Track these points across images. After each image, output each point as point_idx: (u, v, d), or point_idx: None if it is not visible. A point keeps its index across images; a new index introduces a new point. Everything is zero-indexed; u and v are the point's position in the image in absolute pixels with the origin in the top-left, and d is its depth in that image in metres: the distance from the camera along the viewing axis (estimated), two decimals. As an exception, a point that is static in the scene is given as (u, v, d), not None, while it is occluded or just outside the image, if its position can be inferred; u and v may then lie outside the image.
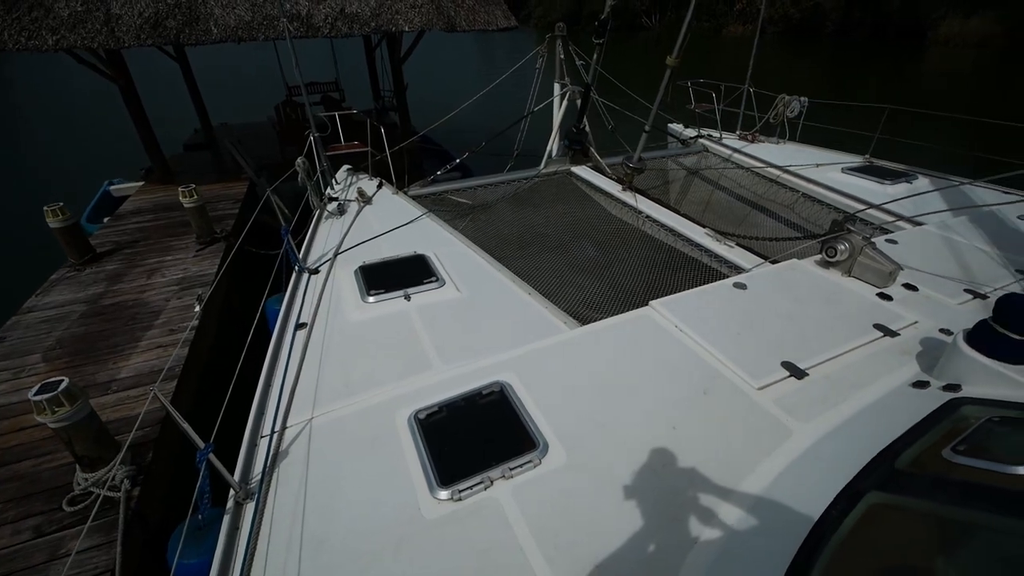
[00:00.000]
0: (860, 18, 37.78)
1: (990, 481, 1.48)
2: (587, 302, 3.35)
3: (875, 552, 1.47)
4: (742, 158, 5.74)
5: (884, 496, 1.56)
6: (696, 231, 4.03)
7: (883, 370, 2.27)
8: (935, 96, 18.65)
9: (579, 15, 45.65)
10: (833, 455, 1.83)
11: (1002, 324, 1.93)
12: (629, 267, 3.80)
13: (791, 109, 5.89)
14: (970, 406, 1.86)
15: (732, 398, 2.14)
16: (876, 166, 5.20)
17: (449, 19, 7.55)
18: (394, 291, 2.96)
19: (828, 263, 3.01)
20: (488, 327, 2.71)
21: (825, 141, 5.95)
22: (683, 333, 2.52)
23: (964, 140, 7.09)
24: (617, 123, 5.69)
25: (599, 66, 4.98)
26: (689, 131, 6.61)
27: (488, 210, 4.94)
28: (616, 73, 5.45)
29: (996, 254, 3.35)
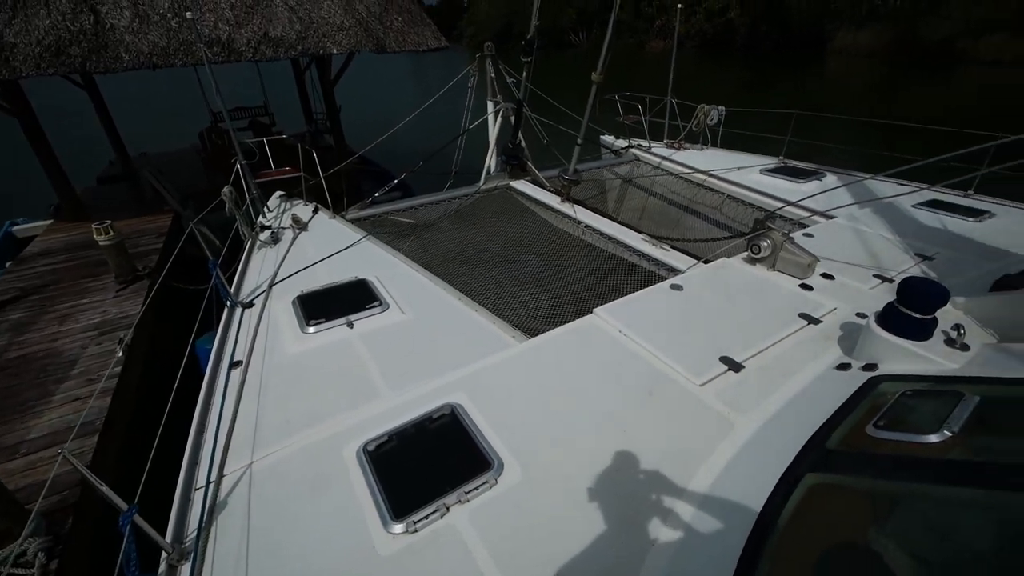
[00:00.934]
0: (766, 32, 41.09)
1: (907, 452, 1.60)
2: (534, 314, 3.38)
3: (817, 530, 1.55)
4: (671, 165, 6.04)
5: (820, 476, 1.65)
6: (633, 237, 4.18)
7: (810, 356, 2.43)
8: (836, 100, 20.51)
9: (509, 34, 46.79)
10: (773, 442, 1.92)
11: (905, 305, 2.12)
12: (573, 276, 3.87)
13: (710, 117, 6.29)
14: (886, 383, 2.01)
15: (676, 396, 2.21)
16: (790, 166, 5.62)
17: (378, 41, 7.51)
18: (335, 319, 2.87)
19: (754, 259, 3.21)
20: (436, 348, 2.67)
21: (743, 146, 6.38)
22: (626, 337, 2.59)
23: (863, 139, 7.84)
24: (551, 137, 5.84)
25: (529, 83, 5.11)
26: (620, 142, 6.88)
27: (430, 229, 4.90)
28: (547, 89, 5.61)
29: (898, 241, 3.69)
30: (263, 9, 7.04)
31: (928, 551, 1.40)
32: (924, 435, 1.60)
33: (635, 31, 49.70)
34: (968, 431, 1.59)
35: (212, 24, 6.75)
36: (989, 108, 17.95)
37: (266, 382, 2.44)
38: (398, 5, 8.12)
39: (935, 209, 4.20)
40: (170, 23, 6.54)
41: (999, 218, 4.07)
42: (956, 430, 1.58)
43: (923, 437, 1.60)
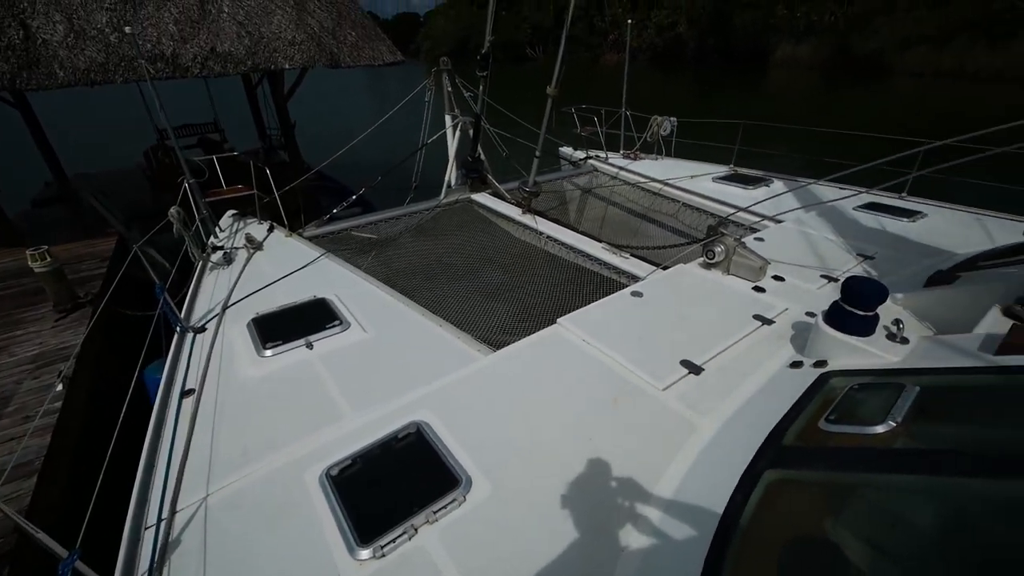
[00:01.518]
0: (713, 45, 43.04)
1: (857, 443, 1.68)
2: (498, 327, 3.38)
3: (779, 526, 1.60)
4: (628, 175, 6.20)
5: (778, 473, 1.71)
6: (594, 246, 4.25)
7: (765, 356, 2.52)
8: (779, 110, 21.64)
9: (466, 48, 47.24)
10: (733, 441, 1.98)
11: (849, 303, 2.23)
12: (536, 287, 3.90)
13: (664, 128, 6.51)
14: (836, 378, 2.11)
15: (640, 402, 2.25)
16: (740, 174, 5.87)
17: (332, 55, 7.43)
18: (294, 341, 2.78)
19: (709, 264, 3.32)
20: (400, 366, 2.62)
21: (695, 155, 6.63)
22: (590, 345, 2.62)
23: (805, 146, 8.28)
24: (511, 150, 5.90)
25: (486, 96, 5.16)
26: (578, 153, 7.02)
27: (391, 244, 4.85)
28: (506, 102, 5.68)
29: (841, 242, 3.90)
30: (210, 24, 6.85)
31: (880, 538, 1.46)
32: (871, 426, 1.68)
33: (589, 46, 51.10)
34: (910, 420, 1.69)
35: (155, 39, 6.51)
36: (915, 115, 19.37)
37: (221, 410, 2.33)
38: (351, 20, 8.07)
39: (873, 211, 4.47)
40: (108, 38, 6.27)
41: (930, 218, 4.38)
42: (899, 420, 1.67)
43: (870, 428, 1.68)
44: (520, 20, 53.77)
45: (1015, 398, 1.68)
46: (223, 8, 6.99)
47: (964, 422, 1.73)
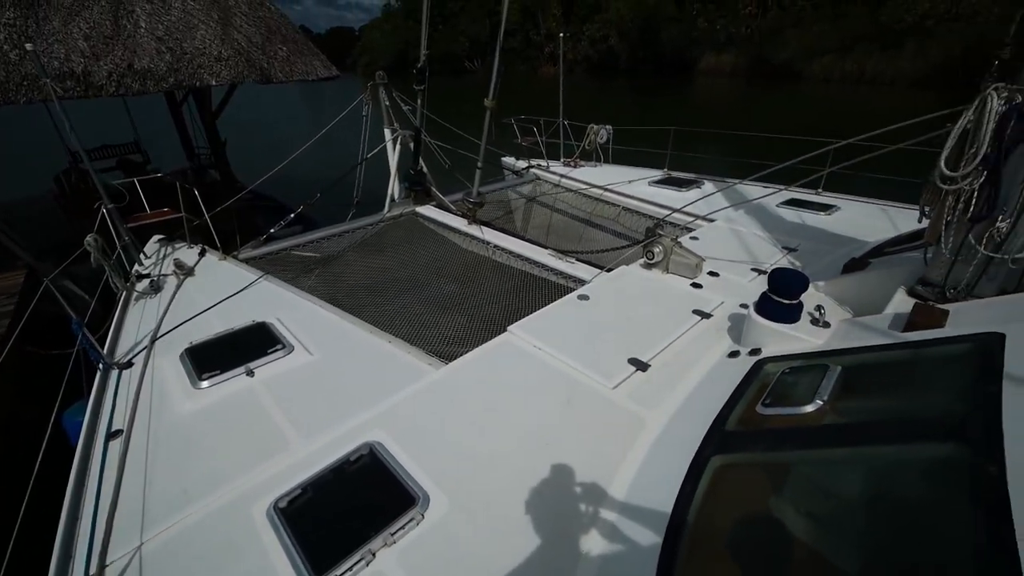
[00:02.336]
0: (644, 56, 45.13)
1: (790, 423, 1.79)
2: (450, 338, 3.36)
3: (727, 508, 1.68)
4: (569, 182, 6.36)
5: (723, 458, 1.79)
6: (541, 253, 4.33)
7: (705, 348, 2.65)
8: (706, 115, 22.93)
9: (404, 62, 47.00)
10: (681, 432, 2.06)
11: (775, 294, 2.39)
12: (485, 297, 3.91)
13: (600, 136, 6.75)
14: (769, 364, 2.25)
15: (592, 402, 2.30)
16: (674, 177, 6.17)
17: (262, 71, 7.18)
18: (233, 369, 2.64)
19: (649, 264, 3.46)
20: (349, 386, 2.55)
21: (632, 160, 6.91)
22: (541, 351, 2.65)
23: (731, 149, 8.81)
24: (453, 161, 5.91)
25: (425, 110, 5.16)
26: (521, 162, 7.14)
27: (335, 262, 4.71)
28: (447, 114, 5.69)
29: (767, 236, 4.17)
30: (125, 39, 6.45)
31: (817, 509, 1.57)
32: (802, 407, 1.81)
33: (527, 58, 52.25)
34: (836, 398, 1.83)
35: (63, 56, 6.05)
36: (824, 117, 21.08)
37: (155, 450, 2.18)
38: (282, 35, 7.84)
39: (793, 207, 4.81)
40: (8, 56, 5.77)
41: (843, 211, 4.77)
42: (826, 398, 1.80)
43: (801, 408, 1.80)
44: (457, 33, 54.21)
45: (921, 370, 1.85)
46: (140, 23, 6.61)
47: (881, 395, 1.89)
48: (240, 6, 7.58)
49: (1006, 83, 2.03)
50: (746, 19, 41.34)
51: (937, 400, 1.67)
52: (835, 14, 34.56)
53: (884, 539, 1.36)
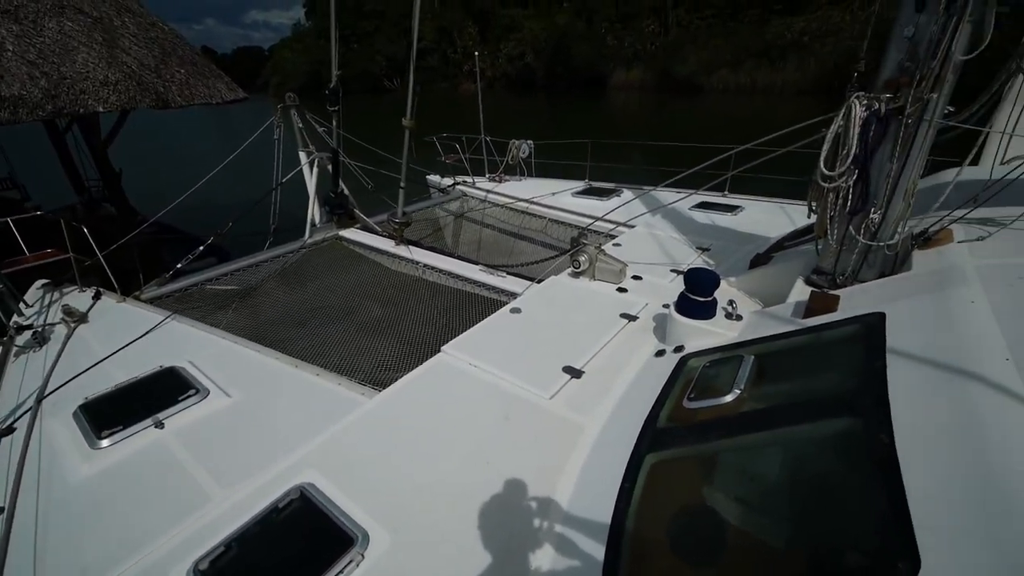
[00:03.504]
0: (559, 72, 46.91)
1: (714, 414, 1.90)
2: (383, 364, 3.25)
3: (665, 502, 1.74)
4: (496, 197, 6.44)
5: (657, 455, 1.86)
6: (471, 269, 4.32)
7: (634, 349, 2.75)
8: (620, 126, 24.21)
9: (319, 81, 45.64)
10: (618, 434, 2.11)
11: (691, 292, 2.54)
12: (418, 318, 3.84)
13: (522, 151, 6.90)
14: (692, 360, 2.37)
15: (530, 414, 2.31)
16: (595, 187, 6.42)
17: (158, 95, 6.67)
18: (138, 422, 2.38)
19: (577, 273, 3.55)
20: (275, 427, 2.39)
21: (554, 173, 7.12)
22: (477, 368, 2.63)
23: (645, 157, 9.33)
24: (376, 182, 5.78)
25: (341, 130, 5.02)
26: (446, 180, 7.13)
27: (254, 294, 4.43)
28: (368, 134, 5.56)
29: (683, 239, 4.43)
30: (-11, 64, 5.75)
31: (745, 492, 1.66)
32: (723, 397, 1.92)
33: (447, 76, 52.56)
34: (752, 385, 1.96)
35: (-92, 84, 5.29)
36: (725, 125, 22.95)
37: (45, 524, 1.91)
38: (179, 57, 7.35)
39: (704, 209, 5.17)
40: None
41: (748, 210, 5.18)
42: (743, 387, 1.92)
43: (722, 399, 1.91)
44: (373, 52, 53.55)
45: (820, 351, 2.03)
46: (6, 46, 5.93)
47: (790, 378, 2.05)
48: (128, 27, 7.03)
49: (865, 92, 2.31)
50: (650, 37, 44.33)
51: (836, 378, 1.83)
52: (727, 31, 38.00)
53: (802, 511, 1.46)
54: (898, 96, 2.20)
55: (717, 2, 41.17)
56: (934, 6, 2.05)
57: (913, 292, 2.04)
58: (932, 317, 1.78)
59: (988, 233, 2.24)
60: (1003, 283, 1.83)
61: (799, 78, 32.13)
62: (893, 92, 2.22)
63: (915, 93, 2.13)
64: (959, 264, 2.04)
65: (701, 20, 41.50)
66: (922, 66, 2.11)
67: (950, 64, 2.06)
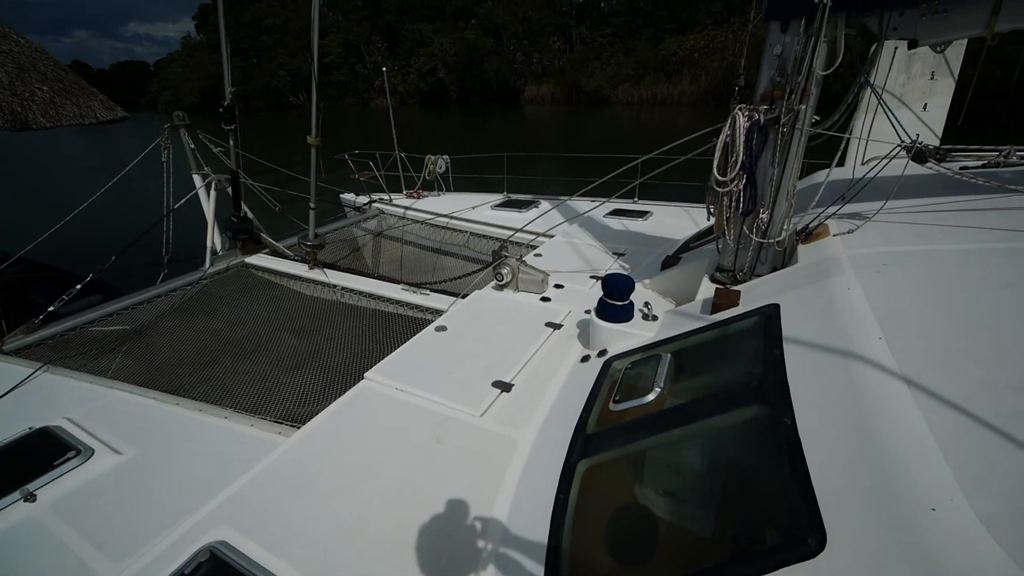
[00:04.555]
0: (472, 87, 47.53)
1: (638, 414, 1.96)
2: (302, 398, 3.04)
3: (599, 507, 1.75)
4: (415, 213, 6.33)
5: (588, 461, 1.88)
6: (393, 289, 4.19)
7: (561, 357, 2.79)
8: (534, 139, 24.96)
9: (217, 97, 42.73)
10: (550, 444, 2.12)
11: (609, 297, 2.63)
12: (338, 345, 3.64)
13: (439, 166, 6.86)
14: (615, 363, 2.45)
15: (462, 434, 2.25)
16: (513, 200, 6.52)
17: (14, 116, 5.83)
18: (1, 498, 2.03)
19: (500, 286, 3.56)
20: (177, 482, 2.14)
21: (473, 187, 7.15)
22: (403, 392, 2.54)
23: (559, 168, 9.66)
24: (285, 203, 5.46)
25: (239, 150, 4.69)
26: (361, 198, 6.91)
27: (148, 334, 3.98)
28: (273, 153, 5.25)
29: (600, 245, 4.61)
30: None
31: (673, 486, 1.72)
32: (646, 396, 1.99)
33: (357, 91, 51.35)
34: (671, 382, 2.05)
35: None
36: (631, 135, 24.44)
37: None
38: (40, 73, 6.49)
39: (617, 216, 5.42)
40: None
41: (657, 215, 5.51)
42: (663, 385, 2.01)
43: (645, 398, 1.98)
44: (276, 67, 51.09)
45: (728, 344, 2.17)
46: None
47: (704, 372, 2.17)
48: (-29, 39, 6.12)
49: (746, 104, 2.53)
50: (557, 53, 46.31)
51: (743, 368, 1.96)
52: (627, 48, 40.68)
53: (724, 498, 1.54)
54: (773, 107, 2.43)
55: (616, 21, 44.04)
56: (795, 28, 2.31)
57: (801, 283, 2.25)
58: (817, 305, 1.97)
59: (856, 226, 2.53)
60: (872, 270, 2.06)
61: (694, 90, 35.12)
62: (769, 104, 2.45)
63: (787, 104, 2.37)
64: (836, 255, 2.28)
65: (603, 37, 44.08)
66: (790, 80, 2.35)
67: (813, 78, 2.31)
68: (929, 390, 1.30)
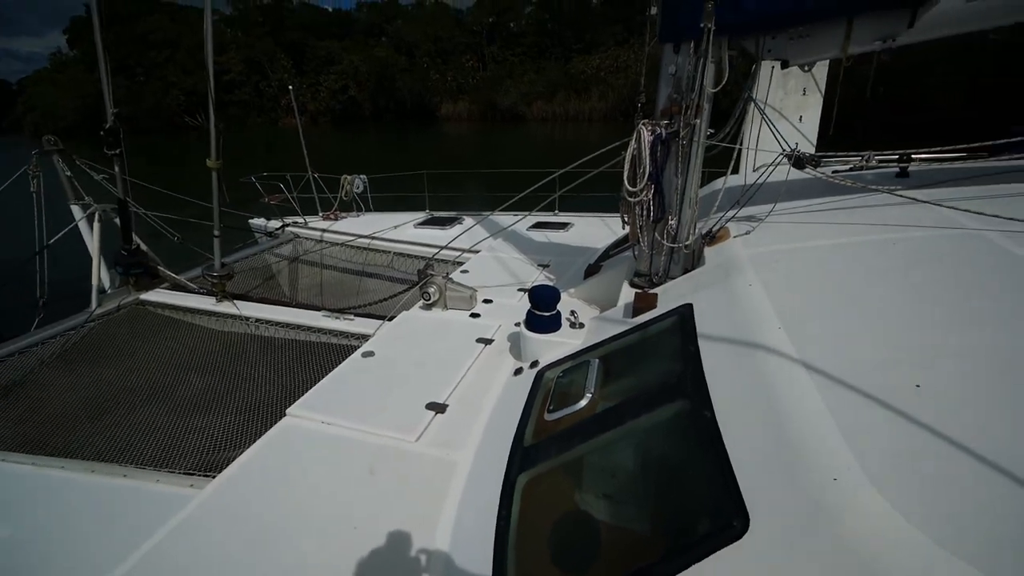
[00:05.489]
0: (387, 105, 46.93)
1: (574, 421, 1.99)
2: (216, 444, 2.77)
3: (542, 518, 1.75)
4: (334, 235, 6.08)
5: (528, 474, 1.88)
6: (314, 316, 3.98)
7: (494, 373, 2.78)
8: (454, 156, 25.09)
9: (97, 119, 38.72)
10: (491, 463, 2.09)
11: (537, 308, 2.68)
12: (256, 381, 3.37)
13: (356, 186, 6.66)
14: (547, 373, 2.48)
15: (398, 463, 2.17)
16: (437, 217, 6.48)
17: None
18: None
19: (428, 305, 3.50)
20: (68, 558, 1.86)
21: (393, 206, 7.01)
22: (331, 425, 2.40)
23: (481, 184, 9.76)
24: (185, 233, 5.01)
25: (127, 176, 4.24)
26: (274, 223, 6.53)
27: (23, 388, 3.46)
28: (170, 178, 4.80)
29: (525, 258, 4.69)
30: None
31: (610, 489, 1.77)
32: (578, 403, 2.03)
33: (263, 110, 48.86)
34: (600, 387, 2.11)
35: None
36: (547, 149, 25.33)
37: None
38: None
39: (540, 228, 5.56)
40: None
41: (577, 226, 5.72)
42: (594, 390, 2.06)
43: (578, 405, 2.02)
44: (167, 85, 47.32)
45: (650, 345, 2.28)
46: None
47: (630, 373, 2.25)
48: None
49: (649, 120, 2.71)
50: (471, 71, 47.09)
51: (665, 366, 2.07)
52: (538, 67, 42.33)
53: (657, 494, 1.60)
54: (673, 122, 2.62)
55: (525, 41, 45.71)
56: (686, 50, 2.51)
57: (709, 283, 2.42)
58: (724, 302, 2.13)
59: (752, 228, 2.78)
60: (767, 267, 2.27)
61: (603, 106, 37.22)
62: (669, 119, 2.64)
63: (684, 119, 2.56)
64: (737, 255, 2.48)
65: (514, 56, 45.53)
66: (686, 97, 2.55)
67: (705, 95, 2.52)
68: (823, 371, 1.44)
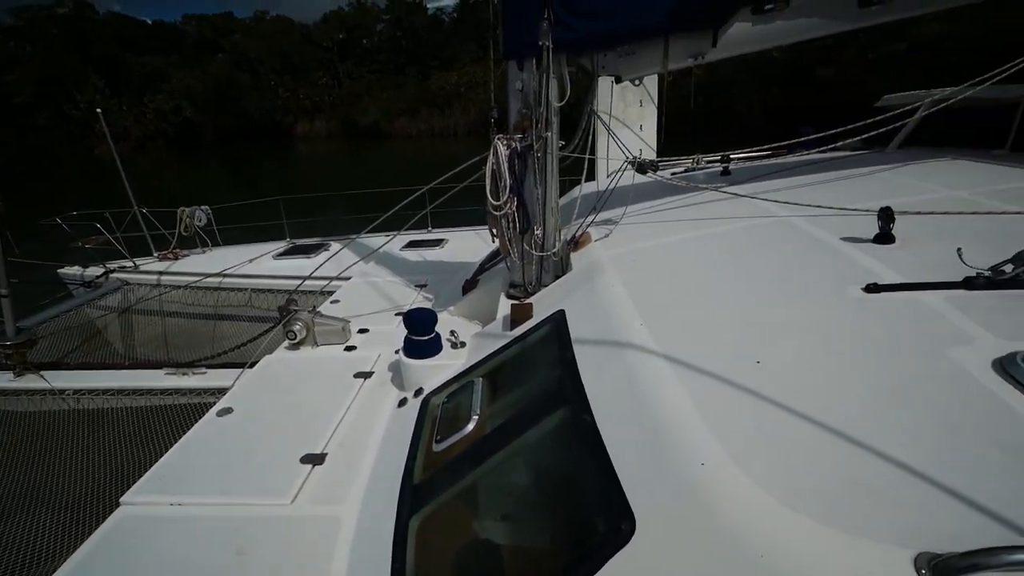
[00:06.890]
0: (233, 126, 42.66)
1: (463, 448, 1.91)
2: (25, 557, 2.19)
3: (441, 554, 1.65)
4: (174, 278, 5.28)
5: (419, 516, 1.76)
6: (155, 376, 3.38)
7: (377, 408, 2.59)
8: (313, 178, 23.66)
9: None
10: (380, 510, 1.92)
11: (414, 333, 2.56)
12: (79, 468, 2.75)
13: (198, 219, 5.86)
14: (431, 400, 2.37)
15: (270, 533, 1.90)
16: (299, 245, 5.97)
17: None
18: None
19: (295, 344, 3.17)
20: None
21: (246, 238, 6.32)
22: (183, 506, 2.03)
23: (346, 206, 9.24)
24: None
25: None
26: (93, 270, 5.48)
27: None
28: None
29: (400, 280, 4.51)
30: None
31: (508, 510, 1.72)
32: (465, 427, 1.96)
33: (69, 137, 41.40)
34: (487, 406, 2.06)
35: None
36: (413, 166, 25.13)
37: None
38: None
39: (413, 247, 5.41)
40: None
41: (452, 241, 5.67)
42: (479, 411, 2.01)
43: (465, 430, 1.95)
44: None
45: (529, 356, 2.30)
46: None
47: (514, 388, 2.25)
48: None
49: (504, 134, 2.76)
50: (326, 89, 44.90)
51: (545, 376, 2.09)
52: (396, 83, 41.85)
53: (552, 505, 1.59)
54: (526, 136, 2.70)
55: (380, 58, 44.95)
56: (530, 66, 2.61)
57: (577, 287, 2.53)
58: (592, 304, 2.22)
59: (610, 231, 2.97)
60: (626, 267, 2.43)
61: (466, 121, 37.96)
62: (522, 133, 2.72)
63: (536, 132, 2.65)
64: (598, 258, 2.62)
65: (371, 73, 44.43)
66: (535, 111, 2.64)
67: (551, 109, 2.64)
68: (683, 362, 1.55)
